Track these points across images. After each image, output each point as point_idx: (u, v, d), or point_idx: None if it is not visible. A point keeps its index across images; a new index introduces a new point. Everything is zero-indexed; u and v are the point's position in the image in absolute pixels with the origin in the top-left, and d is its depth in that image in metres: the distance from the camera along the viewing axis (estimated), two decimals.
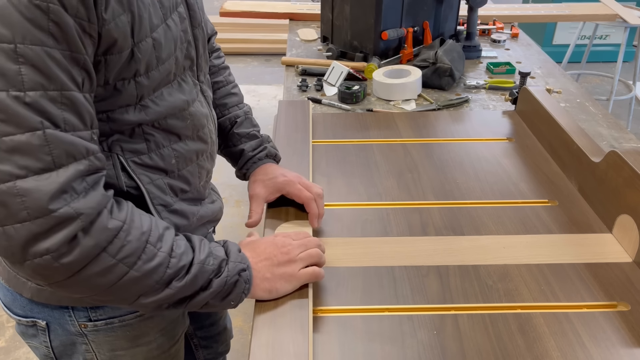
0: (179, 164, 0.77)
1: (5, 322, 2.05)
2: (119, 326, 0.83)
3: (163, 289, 0.67)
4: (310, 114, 1.36)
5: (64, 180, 0.57)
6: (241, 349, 1.93)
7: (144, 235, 0.65)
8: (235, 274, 0.73)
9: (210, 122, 0.83)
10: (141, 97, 0.69)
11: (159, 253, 0.66)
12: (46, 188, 0.56)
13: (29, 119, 0.55)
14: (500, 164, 1.20)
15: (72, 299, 0.78)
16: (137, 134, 0.71)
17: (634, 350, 0.74)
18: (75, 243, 0.59)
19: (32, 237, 0.57)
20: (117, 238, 0.63)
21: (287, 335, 0.72)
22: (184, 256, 0.69)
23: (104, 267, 0.62)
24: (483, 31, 2.18)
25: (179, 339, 0.95)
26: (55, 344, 0.84)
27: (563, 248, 0.93)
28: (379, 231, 0.98)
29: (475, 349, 0.74)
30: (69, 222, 0.58)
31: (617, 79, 3.14)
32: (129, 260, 0.64)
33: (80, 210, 0.59)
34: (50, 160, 0.57)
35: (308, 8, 2.43)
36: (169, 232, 0.70)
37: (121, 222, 0.63)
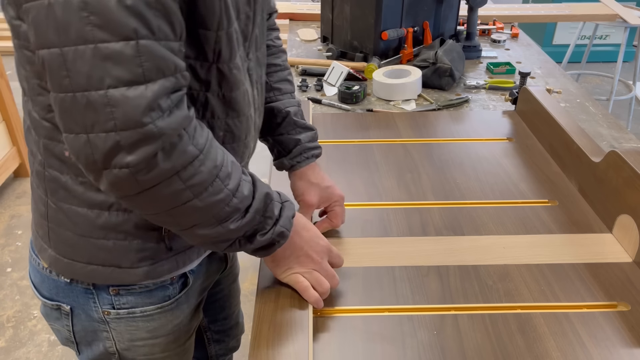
0: (226, 138, 0.76)
1: (5, 322, 2.05)
2: (140, 317, 0.84)
3: (216, 226, 0.68)
4: (310, 114, 1.36)
5: (152, 96, 0.57)
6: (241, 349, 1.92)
7: (216, 169, 0.66)
8: (277, 236, 0.74)
9: (251, 101, 0.81)
10: (219, 55, 0.68)
11: (225, 189, 0.67)
12: (135, 102, 0.56)
13: (125, 26, 0.55)
14: (500, 164, 1.20)
15: (108, 275, 0.78)
16: (200, 100, 0.71)
17: (634, 350, 0.74)
18: (154, 162, 0.59)
19: (116, 148, 0.58)
20: (191, 165, 0.63)
21: (287, 335, 0.72)
22: (245, 200, 0.69)
23: (173, 190, 0.62)
24: (483, 31, 2.18)
25: (193, 332, 0.96)
26: (77, 328, 0.85)
27: (563, 248, 0.93)
28: (379, 231, 0.98)
29: (475, 349, 0.74)
30: (152, 140, 0.58)
31: (617, 79, 3.14)
32: (197, 189, 0.64)
33: (163, 130, 0.58)
34: (141, 72, 0.56)
35: (308, 8, 2.43)
36: (237, 170, 0.70)
37: (199, 150, 0.63)
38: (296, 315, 0.76)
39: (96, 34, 0.54)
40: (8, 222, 2.62)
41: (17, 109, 2.81)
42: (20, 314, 2.09)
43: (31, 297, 2.16)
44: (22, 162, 2.88)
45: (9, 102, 2.72)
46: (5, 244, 2.47)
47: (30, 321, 2.06)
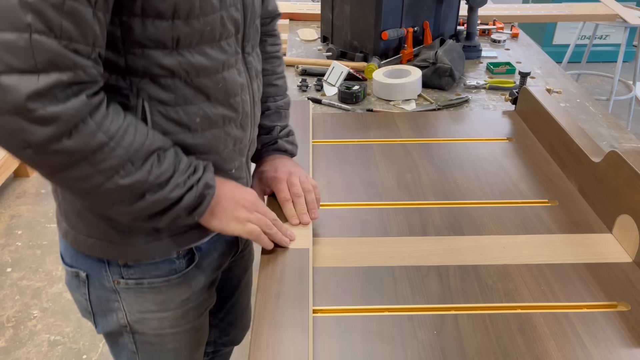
0: (203, 124, 0.78)
1: (5, 322, 2.05)
2: (147, 288, 0.87)
3: (136, 201, 0.72)
4: (310, 114, 1.36)
5: (44, 86, 0.60)
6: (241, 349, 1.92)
7: (128, 154, 0.68)
8: (203, 189, 0.77)
9: (246, 93, 0.84)
10: (178, 41, 0.70)
11: (138, 172, 0.70)
12: (24, 89, 0.59)
13: (19, 19, 0.58)
14: (500, 164, 1.20)
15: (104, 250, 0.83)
16: (168, 85, 0.73)
17: (634, 350, 0.74)
18: (57, 147, 0.63)
19: (15, 130, 0.61)
20: (100, 151, 0.66)
21: (287, 335, 0.72)
22: (163, 175, 0.73)
23: (83, 174, 0.66)
24: (483, 31, 2.18)
25: (203, 313, 0.98)
26: (92, 297, 0.90)
27: (563, 248, 0.93)
28: (379, 231, 0.98)
29: (475, 349, 0.74)
30: (46, 124, 0.61)
31: (617, 79, 3.14)
32: (108, 173, 0.68)
33: (56, 115, 0.61)
34: (34, 64, 0.59)
35: (308, 8, 2.43)
36: (157, 151, 0.72)
37: (108, 138, 0.66)
38: (296, 315, 0.76)
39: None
40: (8, 222, 2.62)
41: None
42: (20, 314, 2.09)
43: (31, 297, 2.17)
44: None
45: None
46: (5, 244, 2.47)
47: (30, 321, 2.06)
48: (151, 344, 0.95)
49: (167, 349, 0.96)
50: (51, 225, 2.59)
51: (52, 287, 2.22)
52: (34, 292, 2.20)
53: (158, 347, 0.96)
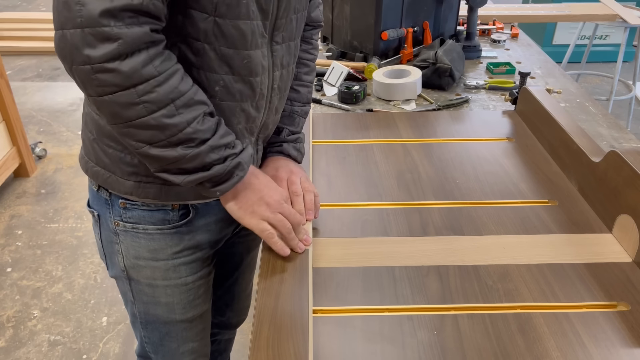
0: (222, 94, 0.82)
1: (5, 322, 2.05)
2: (142, 234, 0.93)
3: (169, 148, 0.75)
4: (310, 114, 1.36)
5: (116, 6, 0.66)
6: (241, 349, 1.93)
7: (172, 94, 0.73)
8: (234, 167, 0.80)
9: (266, 77, 0.86)
10: (216, 8, 0.75)
11: (178, 116, 0.74)
12: (100, 5, 0.65)
13: None
14: (500, 164, 1.20)
15: (105, 180, 0.89)
16: (197, 48, 0.78)
17: (634, 350, 0.74)
18: (112, 66, 0.68)
19: (81, 43, 0.67)
20: (147, 83, 0.70)
21: (287, 335, 0.72)
22: (201, 133, 0.76)
23: (128, 101, 0.71)
24: (483, 31, 2.18)
25: (197, 274, 1.00)
26: (103, 237, 0.97)
27: (563, 248, 0.93)
28: (379, 231, 0.98)
29: (475, 349, 0.74)
30: (110, 42, 0.67)
31: (617, 79, 3.14)
32: (150, 107, 0.72)
33: (119, 35, 0.67)
34: None
35: None
36: (200, 106, 0.77)
37: (158, 72, 0.71)
38: (296, 315, 0.76)
39: None
40: (8, 222, 2.62)
41: (17, 109, 2.82)
42: (20, 314, 2.09)
43: (31, 297, 2.17)
44: (22, 162, 2.88)
45: (9, 102, 2.72)
46: (5, 244, 2.47)
47: (30, 321, 2.06)
48: (145, 294, 0.99)
49: (159, 302, 0.99)
50: (51, 225, 2.59)
51: (52, 287, 2.22)
52: (34, 292, 2.20)
53: (151, 298, 0.99)
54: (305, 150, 1.17)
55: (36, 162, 3.08)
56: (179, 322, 1.03)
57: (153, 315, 1.02)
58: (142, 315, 1.03)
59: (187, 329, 1.05)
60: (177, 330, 1.04)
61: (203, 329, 1.09)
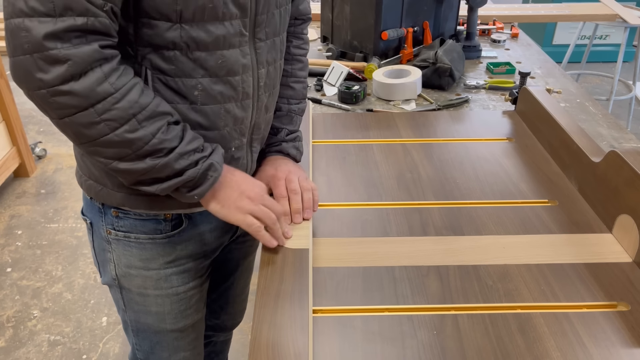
0: (202, 98, 0.81)
1: (5, 322, 2.05)
2: (134, 243, 0.92)
3: (137, 161, 0.76)
4: (310, 114, 1.36)
5: (60, 28, 0.66)
6: (241, 349, 1.93)
7: (132, 109, 0.73)
8: (207, 169, 0.80)
9: (249, 75, 0.85)
10: (181, 15, 0.74)
11: (141, 130, 0.74)
12: (43, 29, 0.66)
13: None
14: (500, 164, 1.20)
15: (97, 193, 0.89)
16: (169, 56, 0.77)
17: (634, 350, 0.74)
18: (66, 88, 0.68)
19: (32, 68, 0.67)
20: (105, 101, 0.71)
21: (287, 335, 0.72)
22: (167, 142, 0.76)
23: (89, 121, 0.71)
24: (483, 31, 2.18)
25: (189, 284, 0.99)
26: (95, 245, 0.98)
27: (563, 248, 0.93)
28: (379, 231, 0.98)
29: (475, 349, 0.74)
30: (60, 64, 0.67)
31: (617, 79, 3.14)
32: (112, 124, 0.72)
33: (68, 56, 0.67)
34: (52, 7, 0.66)
35: None
36: (163, 117, 0.76)
37: (114, 89, 0.71)
38: (296, 315, 0.76)
39: None
40: (8, 222, 2.62)
41: (17, 109, 2.82)
42: (20, 314, 2.09)
43: (31, 297, 2.17)
44: (22, 162, 2.88)
45: (9, 102, 2.72)
46: (5, 244, 2.47)
47: (30, 321, 2.06)
48: (136, 303, 0.99)
49: (150, 311, 0.99)
50: (51, 225, 2.59)
51: (52, 287, 2.22)
52: (34, 292, 2.20)
53: (142, 307, 0.99)
54: (305, 150, 1.17)
55: (36, 162, 3.08)
56: (170, 332, 1.02)
57: (144, 324, 1.02)
58: (133, 324, 1.03)
59: (179, 339, 1.04)
60: (168, 340, 1.04)
61: (195, 337, 1.08)
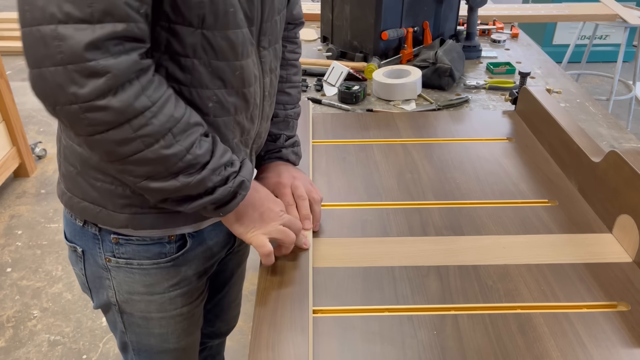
0: (215, 110, 0.78)
1: (5, 322, 2.05)
2: (137, 269, 0.89)
3: (170, 179, 0.72)
4: (310, 114, 1.36)
5: (99, 36, 0.60)
6: (241, 349, 1.93)
7: (168, 123, 0.69)
8: (237, 187, 0.77)
9: (258, 85, 0.84)
10: (203, 20, 0.70)
11: (176, 145, 0.70)
12: (81, 37, 0.60)
13: None
14: (500, 164, 1.20)
15: (95, 215, 0.84)
16: (187, 65, 0.73)
17: (634, 350, 0.74)
18: (103, 103, 0.63)
19: (65, 82, 0.61)
20: (142, 115, 0.66)
21: (287, 336, 0.72)
22: (201, 157, 0.72)
23: (123, 137, 0.66)
24: (483, 31, 2.18)
25: (193, 303, 0.99)
26: (88, 272, 0.93)
27: (563, 248, 0.93)
28: (379, 231, 0.98)
29: (475, 349, 0.74)
30: (97, 77, 0.62)
31: (617, 79, 3.14)
32: (148, 140, 0.67)
33: (107, 69, 0.62)
34: (90, 12, 0.60)
35: (308, 8, 2.43)
36: (196, 128, 0.73)
37: (151, 102, 0.67)
38: (296, 315, 0.76)
39: None
40: (8, 222, 2.62)
41: (17, 109, 2.81)
42: (20, 314, 2.09)
43: (31, 297, 2.17)
44: (22, 162, 2.88)
45: (9, 102, 2.72)
46: (5, 244, 2.47)
47: (30, 321, 2.06)
48: (138, 326, 0.97)
49: (153, 332, 0.98)
50: (51, 225, 2.59)
51: (52, 287, 2.22)
52: (34, 292, 2.20)
53: (145, 329, 0.97)
54: (305, 150, 1.17)
55: (36, 162, 3.08)
56: (173, 351, 1.01)
57: (146, 345, 1.00)
58: (135, 344, 1.01)
59: (180, 357, 1.03)
60: (170, 358, 1.02)
61: (195, 351, 1.08)
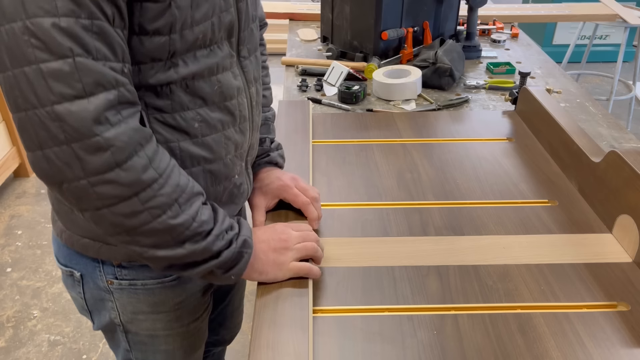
0: (202, 129, 0.77)
1: (5, 322, 2.05)
2: (141, 289, 0.88)
3: (177, 247, 0.71)
4: (310, 114, 1.36)
5: (95, 108, 0.60)
6: (241, 349, 1.93)
7: (175, 194, 0.69)
8: (241, 246, 0.76)
9: (243, 96, 0.82)
10: (173, 54, 0.70)
11: (183, 214, 0.70)
12: (80, 115, 0.60)
13: (62, 45, 0.58)
14: (500, 164, 1.20)
15: (97, 250, 0.83)
16: (164, 92, 0.72)
17: (634, 350, 0.74)
18: (111, 176, 0.63)
19: (72, 160, 0.61)
20: (150, 188, 0.66)
21: (287, 335, 0.72)
22: (205, 225, 0.72)
23: (131, 210, 0.66)
24: (483, 31, 2.18)
25: (199, 318, 0.97)
26: (87, 296, 0.91)
27: (563, 248, 0.93)
28: (379, 231, 0.98)
29: (475, 349, 0.74)
30: (102, 151, 0.62)
31: (617, 79, 3.14)
32: (156, 212, 0.67)
33: (111, 141, 0.62)
34: (81, 87, 0.60)
35: (308, 8, 2.43)
36: (199, 197, 0.73)
37: (158, 174, 0.67)
38: (296, 315, 0.76)
39: (37, 54, 0.58)
40: (8, 222, 2.62)
41: None
42: (20, 314, 2.09)
43: (31, 297, 2.17)
44: (22, 162, 2.88)
45: None
46: (5, 244, 2.47)
47: (30, 321, 2.06)
48: (144, 344, 0.96)
49: (159, 349, 0.97)
50: (51, 225, 2.59)
51: (52, 287, 2.22)
52: (34, 292, 2.20)
53: (151, 347, 0.96)
54: (305, 150, 1.17)
55: None
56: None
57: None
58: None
59: None
60: None
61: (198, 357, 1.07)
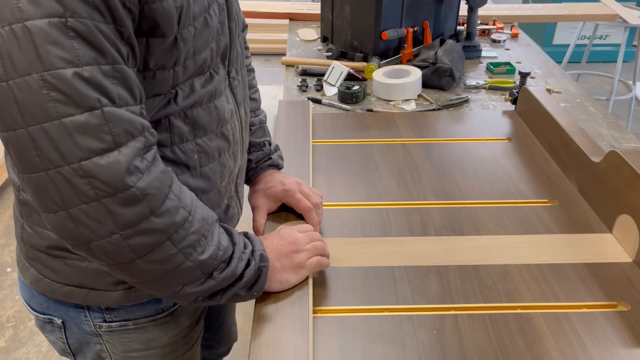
0: (202, 160, 0.75)
1: (5, 322, 2.05)
2: (133, 329, 0.83)
3: (206, 280, 0.69)
4: (310, 114, 1.36)
5: (126, 159, 0.57)
6: (241, 349, 1.93)
7: (203, 228, 0.67)
8: (259, 262, 0.74)
9: (235, 119, 0.81)
10: (174, 85, 0.68)
11: (210, 246, 0.68)
12: (112, 168, 0.56)
13: (88, 97, 0.55)
14: (500, 164, 1.20)
15: (84, 297, 0.78)
16: (163, 125, 0.70)
17: (634, 350, 0.74)
18: (146, 226, 0.60)
19: (104, 216, 0.57)
20: (182, 228, 0.64)
21: (287, 336, 0.72)
22: (227, 250, 0.71)
23: (165, 255, 0.63)
24: (483, 31, 2.18)
25: (194, 344, 0.95)
26: (71, 340, 0.85)
27: (563, 248, 0.93)
28: (379, 231, 0.98)
29: (475, 349, 0.74)
30: (136, 202, 0.58)
31: (617, 79, 3.14)
32: (188, 251, 0.65)
33: (145, 190, 0.59)
34: (111, 139, 0.56)
35: (308, 8, 2.43)
36: (216, 224, 0.71)
37: (187, 212, 0.65)
38: (296, 315, 0.76)
39: (60, 109, 0.54)
40: (8, 222, 2.62)
41: None
42: (20, 314, 2.09)
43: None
44: None
45: None
46: (5, 244, 2.47)
47: (30, 321, 2.06)
48: None
49: None
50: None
51: None
52: None
53: None
54: (305, 150, 1.17)
55: None
56: None
57: None
58: None
59: None
60: None
61: None
